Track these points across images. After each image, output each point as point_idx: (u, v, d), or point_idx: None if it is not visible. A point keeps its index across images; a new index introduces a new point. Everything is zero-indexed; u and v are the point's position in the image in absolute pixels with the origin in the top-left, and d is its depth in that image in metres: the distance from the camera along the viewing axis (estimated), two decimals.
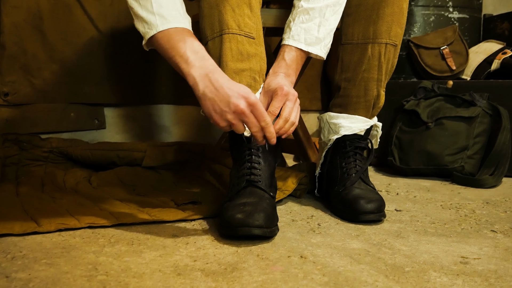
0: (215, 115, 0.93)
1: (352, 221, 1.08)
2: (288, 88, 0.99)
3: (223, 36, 1.02)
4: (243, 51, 1.03)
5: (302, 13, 1.07)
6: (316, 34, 1.07)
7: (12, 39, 1.57)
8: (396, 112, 1.82)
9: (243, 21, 1.03)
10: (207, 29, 1.04)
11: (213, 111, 0.93)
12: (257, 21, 1.06)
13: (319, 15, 1.07)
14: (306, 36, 1.07)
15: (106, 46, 1.72)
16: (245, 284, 0.73)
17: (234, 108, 0.90)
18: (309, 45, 1.07)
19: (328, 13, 1.08)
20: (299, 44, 1.07)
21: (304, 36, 1.07)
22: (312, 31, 1.07)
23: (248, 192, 1.00)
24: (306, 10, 1.07)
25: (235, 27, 1.02)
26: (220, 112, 0.92)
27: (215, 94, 0.91)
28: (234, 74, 1.02)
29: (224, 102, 0.91)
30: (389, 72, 1.19)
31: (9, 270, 0.77)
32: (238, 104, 0.90)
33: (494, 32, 2.12)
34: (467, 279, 0.77)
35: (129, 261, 0.82)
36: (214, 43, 1.03)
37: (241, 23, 1.02)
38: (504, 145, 1.60)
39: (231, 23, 1.01)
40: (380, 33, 1.14)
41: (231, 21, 1.01)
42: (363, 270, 0.80)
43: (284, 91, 0.98)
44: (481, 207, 1.24)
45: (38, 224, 0.96)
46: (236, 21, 1.02)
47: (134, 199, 1.20)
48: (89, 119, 1.74)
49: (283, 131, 0.98)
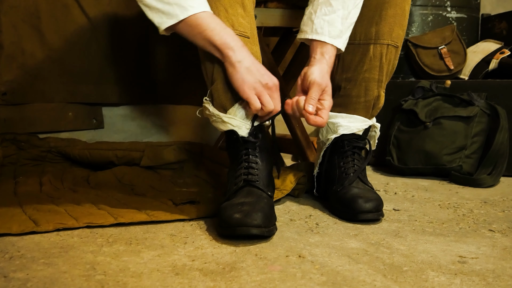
0: (245, 83, 0.99)
1: (350, 220, 1.09)
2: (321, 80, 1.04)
3: None
4: None
5: (323, 4, 1.06)
6: (340, 27, 1.06)
7: (10, 38, 1.57)
8: (394, 112, 1.83)
9: (237, 20, 1.03)
10: None
11: (245, 79, 0.99)
12: (250, 20, 1.06)
13: (342, 7, 1.06)
14: (330, 28, 1.06)
15: (104, 46, 1.72)
16: (243, 283, 0.73)
17: (266, 81, 1.00)
18: (334, 37, 1.06)
19: (351, 5, 1.07)
20: (323, 37, 1.06)
21: (327, 28, 1.06)
22: (335, 23, 1.06)
23: (246, 192, 1.00)
24: (328, 2, 1.05)
25: (229, 27, 1.02)
26: (251, 82, 0.99)
27: (253, 65, 0.99)
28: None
29: (259, 74, 1.00)
30: (389, 73, 1.19)
31: (7, 270, 0.77)
32: (271, 80, 1.01)
33: (492, 32, 2.13)
34: (465, 279, 0.77)
35: (127, 261, 0.82)
36: None
37: (235, 23, 1.02)
38: (502, 144, 1.60)
39: (224, 23, 1.01)
40: (382, 34, 1.14)
41: (225, 21, 1.01)
42: (361, 270, 0.80)
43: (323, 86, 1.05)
44: (479, 207, 1.24)
45: (36, 223, 0.96)
46: (229, 20, 1.02)
47: (132, 199, 1.20)
48: (87, 119, 1.74)
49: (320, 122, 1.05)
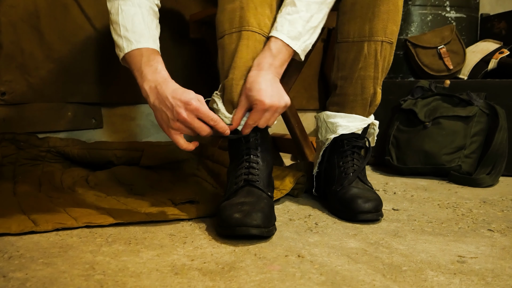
0: (164, 125, 0.98)
1: (349, 220, 1.09)
2: (270, 100, 0.98)
3: (242, 32, 1.02)
4: (259, 50, 1.03)
5: (289, 4, 1.05)
6: (299, 29, 1.03)
7: (9, 38, 1.57)
8: (393, 112, 1.83)
9: (264, 21, 1.03)
10: (225, 22, 1.04)
11: (162, 121, 0.98)
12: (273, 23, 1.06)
13: (306, 10, 1.04)
14: (290, 28, 1.03)
15: (103, 45, 1.72)
16: (243, 283, 0.73)
17: (177, 117, 0.95)
18: (292, 38, 1.03)
19: (315, 9, 1.05)
20: (281, 35, 1.02)
21: (287, 28, 1.03)
22: (296, 24, 1.03)
23: (246, 192, 1.00)
24: (293, 2, 1.04)
25: (255, 25, 1.02)
26: (167, 122, 0.97)
27: (162, 105, 0.96)
28: (246, 71, 1.02)
29: (169, 111, 0.95)
30: (385, 70, 1.19)
31: (6, 269, 0.77)
32: (179, 113, 0.94)
33: (491, 32, 2.13)
34: (464, 278, 0.77)
35: (126, 261, 0.82)
36: (231, 37, 1.04)
37: (261, 23, 1.03)
38: (501, 144, 1.60)
39: (252, 20, 1.02)
40: (376, 31, 1.13)
41: (252, 19, 1.01)
42: (361, 269, 0.80)
43: (266, 106, 0.98)
44: (478, 206, 1.24)
45: (35, 223, 0.96)
46: (257, 19, 1.02)
47: (132, 199, 1.20)
48: (87, 119, 1.74)
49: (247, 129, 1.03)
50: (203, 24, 1.71)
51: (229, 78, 1.03)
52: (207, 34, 1.73)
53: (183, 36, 1.82)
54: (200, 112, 0.95)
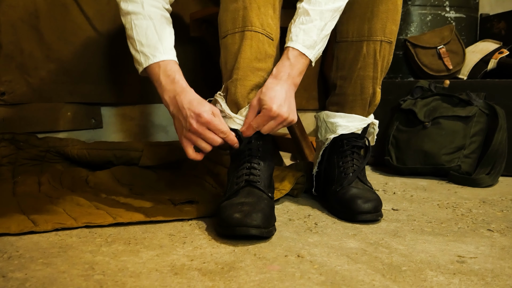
0: (179, 133, 1.03)
1: (349, 220, 1.09)
2: (278, 109, 0.99)
3: (245, 32, 1.02)
4: (262, 51, 1.03)
5: (302, 14, 1.04)
6: (314, 37, 1.03)
7: (8, 38, 1.57)
8: (393, 112, 1.83)
9: (267, 21, 1.03)
10: (228, 22, 1.04)
11: (177, 129, 1.03)
12: (277, 23, 1.06)
13: (320, 18, 1.04)
14: (305, 37, 1.03)
15: (103, 45, 1.72)
16: (242, 283, 0.73)
17: (189, 127, 0.99)
18: (307, 47, 1.03)
19: (328, 17, 1.05)
20: (297, 45, 1.03)
21: (302, 37, 1.03)
22: (311, 33, 1.03)
23: (247, 192, 1.00)
24: (307, 11, 1.04)
25: (258, 26, 1.02)
26: (181, 131, 1.02)
27: (179, 114, 1.00)
28: (249, 72, 1.02)
29: (184, 121, 1.00)
30: (384, 70, 1.19)
31: (6, 269, 0.77)
32: (191, 124, 0.98)
33: (491, 32, 2.13)
34: (464, 278, 0.77)
35: (126, 261, 0.82)
36: (234, 38, 1.03)
37: (264, 23, 1.03)
38: (500, 144, 1.60)
39: (255, 20, 1.01)
40: (375, 30, 1.13)
41: (255, 19, 1.01)
42: (360, 269, 0.80)
43: (273, 113, 0.99)
44: (477, 206, 1.24)
45: (35, 223, 0.96)
46: (260, 19, 1.02)
47: (131, 199, 1.20)
48: (86, 119, 1.74)
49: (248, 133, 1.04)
50: (203, 22, 1.71)
51: (233, 79, 1.03)
52: (207, 33, 1.73)
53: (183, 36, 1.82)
54: (211, 125, 0.98)
